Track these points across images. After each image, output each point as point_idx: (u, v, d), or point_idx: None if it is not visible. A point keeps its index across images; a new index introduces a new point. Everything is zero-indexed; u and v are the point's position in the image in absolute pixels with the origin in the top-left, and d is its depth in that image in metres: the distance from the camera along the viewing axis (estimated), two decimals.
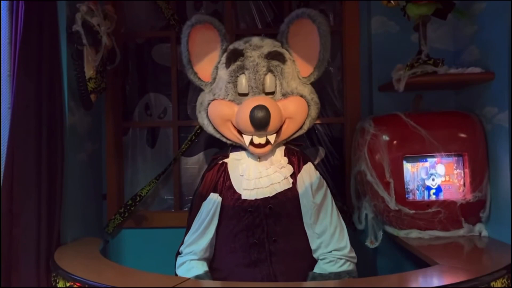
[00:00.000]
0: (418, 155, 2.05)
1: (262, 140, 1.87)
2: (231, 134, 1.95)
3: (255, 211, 1.85)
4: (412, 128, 2.01)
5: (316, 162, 2.57)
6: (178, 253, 1.97)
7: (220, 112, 1.93)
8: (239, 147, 2.01)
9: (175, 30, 2.54)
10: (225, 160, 1.99)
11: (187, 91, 2.63)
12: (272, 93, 1.90)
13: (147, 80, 2.67)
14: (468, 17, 2.13)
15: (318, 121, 2.50)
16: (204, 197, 1.93)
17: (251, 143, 1.88)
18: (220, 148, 2.31)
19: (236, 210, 1.87)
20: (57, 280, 1.61)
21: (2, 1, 1.92)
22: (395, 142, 2.03)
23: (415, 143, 2.01)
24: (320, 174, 2.00)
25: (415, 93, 2.23)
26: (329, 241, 1.87)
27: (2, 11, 1.92)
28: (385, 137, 2.04)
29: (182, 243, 1.97)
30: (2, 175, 1.87)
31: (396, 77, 2.07)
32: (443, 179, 2.06)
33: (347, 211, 2.38)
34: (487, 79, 1.98)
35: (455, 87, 2.29)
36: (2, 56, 1.92)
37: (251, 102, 1.82)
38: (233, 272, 1.87)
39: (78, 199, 2.26)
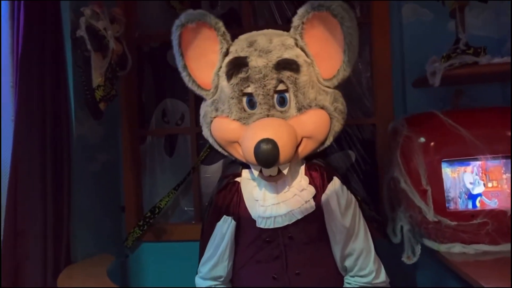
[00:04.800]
0: (459, 159, 1.78)
1: (273, 172, 1.54)
2: (239, 155, 1.65)
3: (273, 241, 1.61)
4: (451, 128, 1.74)
5: (346, 167, 2.36)
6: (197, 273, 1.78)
7: (224, 135, 1.64)
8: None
9: None
10: (237, 179, 1.70)
11: None
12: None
13: (163, 85, 2.54)
14: None
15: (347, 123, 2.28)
16: (217, 220, 1.68)
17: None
18: None
19: (253, 239, 1.63)
20: None
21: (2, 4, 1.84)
22: (431, 144, 1.77)
23: (455, 144, 1.74)
24: (349, 184, 1.75)
25: (455, 87, 1.97)
26: (352, 266, 1.64)
27: (2, 18, 1.84)
28: (420, 139, 1.79)
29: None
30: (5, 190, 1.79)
31: (431, 70, 1.83)
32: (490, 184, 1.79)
33: (380, 221, 2.14)
34: None
35: (501, 79, 2.01)
36: (2, 67, 1.84)
37: (256, 131, 1.49)
38: None
39: (93, 212, 2.17)
